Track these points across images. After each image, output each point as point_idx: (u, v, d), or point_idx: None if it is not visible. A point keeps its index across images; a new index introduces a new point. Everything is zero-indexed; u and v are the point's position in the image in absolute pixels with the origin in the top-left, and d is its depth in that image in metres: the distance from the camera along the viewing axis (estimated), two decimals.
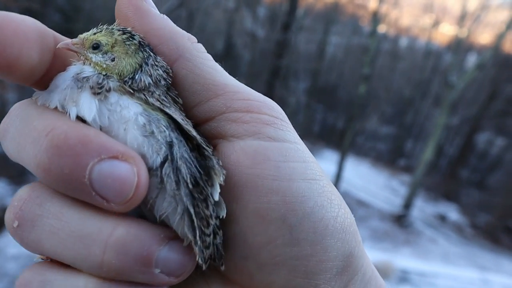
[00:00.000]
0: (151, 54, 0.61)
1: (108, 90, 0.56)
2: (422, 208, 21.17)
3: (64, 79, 0.57)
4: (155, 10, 0.64)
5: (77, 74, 0.58)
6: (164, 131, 0.55)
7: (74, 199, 0.53)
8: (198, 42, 0.66)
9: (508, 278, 15.29)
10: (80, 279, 0.53)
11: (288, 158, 0.59)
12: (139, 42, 0.61)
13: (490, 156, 29.18)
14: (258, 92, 0.66)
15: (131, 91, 0.57)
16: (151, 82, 0.59)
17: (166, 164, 0.54)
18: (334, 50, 32.22)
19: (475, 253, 17.72)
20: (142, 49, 0.61)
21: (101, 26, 0.63)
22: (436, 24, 31.07)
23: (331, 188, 0.62)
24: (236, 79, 0.66)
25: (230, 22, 25.10)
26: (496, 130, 29.20)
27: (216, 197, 0.56)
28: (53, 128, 0.51)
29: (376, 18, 19.61)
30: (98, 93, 0.55)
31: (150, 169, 0.53)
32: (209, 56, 0.65)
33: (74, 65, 0.60)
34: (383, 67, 31.46)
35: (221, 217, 0.57)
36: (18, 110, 0.57)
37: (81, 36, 0.62)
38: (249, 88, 0.65)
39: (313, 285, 0.58)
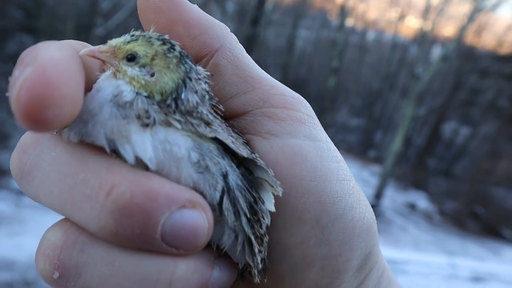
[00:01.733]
0: (193, 66, 0.54)
1: (154, 123, 0.49)
2: (393, 198, 21.67)
3: (101, 103, 0.48)
4: (188, 0, 0.60)
5: (115, 96, 0.49)
6: (218, 162, 0.51)
7: None
8: None
9: (473, 261, 15.88)
10: None
11: (323, 158, 0.58)
12: (180, 53, 0.53)
13: (455, 145, 30.10)
14: None
15: (178, 126, 0.50)
16: (198, 100, 0.52)
17: (225, 198, 0.51)
18: (303, 44, 32.40)
19: (444, 239, 18.31)
20: (183, 62, 0.53)
21: (135, 33, 0.55)
22: (402, 17, 31.71)
23: (358, 188, 0.63)
24: None
25: None
26: (461, 120, 30.15)
27: (273, 208, 0.54)
28: (113, 186, 0.45)
29: (343, 12, 19.84)
30: (147, 125, 0.48)
31: (209, 206, 0.50)
32: (243, 48, 0.63)
33: (104, 81, 0.51)
34: (351, 60, 31.89)
35: (267, 226, 0.55)
36: (38, 148, 0.49)
37: (112, 43, 0.54)
38: (281, 83, 0.64)
39: (337, 284, 0.59)
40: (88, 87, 0.51)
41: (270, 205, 0.54)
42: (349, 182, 0.60)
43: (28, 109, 0.40)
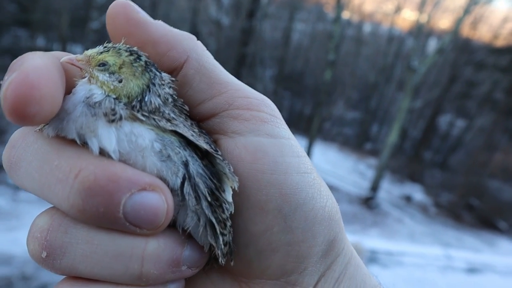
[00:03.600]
0: (157, 73, 0.61)
1: (120, 119, 0.56)
2: (389, 190, 21.78)
3: (74, 104, 0.56)
4: (151, 18, 0.65)
5: (87, 98, 0.57)
6: (179, 152, 0.58)
7: None
8: None
9: (469, 252, 16.02)
10: None
11: (284, 153, 0.64)
12: (146, 62, 0.61)
13: (451, 138, 30.25)
14: None
15: (142, 118, 0.57)
16: (160, 102, 0.60)
17: (186, 183, 0.57)
18: (299, 37, 32.34)
19: (439, 231, 18.45)
20: (148, 70, 0.61)
21: (108, 45, 0.62)
22: (398, 10, 31.68)
23: (320, 180, 0.67)
24: None
25: (194, 10, 24.72)
26: (456, 112, 30.27)
27: (230, 199, 0.60)
28: (80, 170, 0.52)
29: (340, 4, 19.76)
30: (113, 121, 0.56)
31: (171, 190, 0.56)
32: (210, 54, 0.68)
33: (80, 85, 0.59)
34: (348, 53, 31.87)
35: (230, 213, 0.61)
36: (24, 142, 0.57)
37: (87, 53, 0.61)
38: (247, 86, 0.69)
39: (302, 268, 0.65)
40: (69, 91, 0.58)
41: (228, 195, 0.60)
42: (309, 175, 0.65)
43: (13, 106, 0.48)
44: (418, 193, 22.84)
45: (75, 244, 0.54)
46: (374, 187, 19.71)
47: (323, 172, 21.23)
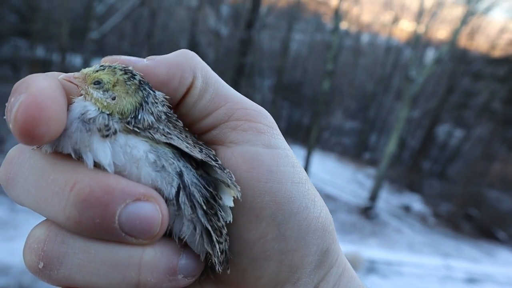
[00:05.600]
0: (151, 92, 0.63)
1: (115, 133, 0.58)
2: (387, 200, 21.75)
3: (70, 120, 0.57)
4: (136, 58, 0.67)
5: (82, 114, 0.58)
6: (173, 163, 0.59)
7: None
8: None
9: (468, 263, 15.96)
10: None
11: (279, 163, 0.65)
12: (139, 81, 0.62)
13: (449, 147, 30.29)
14: None
15: (137, 130, 0.59)
16: (153, 120, 0.61)
17: (181, 193, 0.58)
18: (297, 47, 32.52)
19: (438, 241, 18.39)
20: (142, 88, 0.62)
21: (104, 64, 0.64)
22: (395, 20, 31.91)
23: (314, 191, 0.69)
24: None
25: (193, 20, 24.84)
26: (454, 122, 30.35)
27: (231, 204, 0.61)
28: (75, 182, 0.53)
29: (338, 15, 19.93)
30: (107, 135, 0.57)
31: (166, 200, 0.58)
32: (209, 67, 0.69)
33: (76, 102, 0.60)
34: (346, 63, 32.05)
35: (227, 222, 0.62)
36: (20, 159, 0.58)
37: (84, 71, 0.63)
38: (246, 97, 0.71)
39: (296, 278, 0.65)
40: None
41: (229, 201, 0.61)
42: (304, 185, 0.66)
43: (24, 127, 0.50)
44: (417, 203, 22.80)
45: (72, 254, 0.55)
46: (373, 197, 19.68)
47: (321, 181, 21.21)
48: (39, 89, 0.51)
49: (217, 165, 0.62)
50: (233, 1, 27.04)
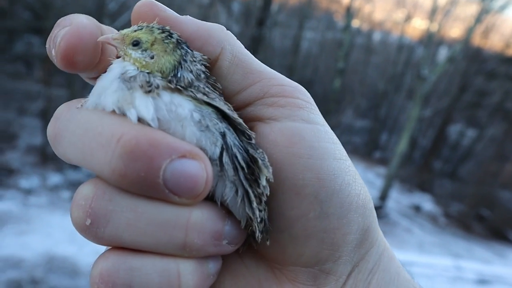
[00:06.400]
0: (189, 50, 0.63)
1: (157, 87, 0.58)
2: (398, 199, 21.59)
3: (111, 80, 0.59)
4: (178, 15, 0.67)
5: (122, 74, 0.60)
6: (217, 123, 0.59)
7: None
8: None
9: (479, 264, 15.78)
10: (166, 261, 0.57)
11: (320, 139, 0.64)
12: (177, 40, 0.63)
13: (461, 147, 29.94)
14: None
15: (180, 88, 0.59)
16: (193, 77, 0.61)
17: (224, 154, 0.58)
18: (309, 45, 32.38)
19: (449, 241, 18.22)
20: (179, 47, 0.63)
21: (142, 24, 0.64)
22: (408, 18, 31.61)
23: (354, 168, 0.67)
24: None
25: (204, 18, 24.89)
26: (467, 122, 29.98)
27: (264, 182, 0.60)
28: (122, 135, 0.53)
29: (349, 13, 19.81)
30: (149, 91, 0.58)
31: (210, 160, 0.57)
32: (241, 44, 0.68)
33: (115, 63, 0.62)
34: (357, 61, 31.83)
35: (265, 194, 0.61)
36: (68, 114, 0.59)
37: (122, 32, 0.64)
38: (281, 74, 0.69)
39: (336, 256, 0.64)
40: (105, 69, 0.62)
41: (262, 180, 0.60)
42: (345, 161, 0.65)
43: (65, 53, 0.57)
44: (427, 203, 22.60)
45: (119, 212, 0.54)
46: (383, 197, 19.55)
47: None
48: (82, 24, 0.58)
49: (253, 143, 0.61)
50: None
